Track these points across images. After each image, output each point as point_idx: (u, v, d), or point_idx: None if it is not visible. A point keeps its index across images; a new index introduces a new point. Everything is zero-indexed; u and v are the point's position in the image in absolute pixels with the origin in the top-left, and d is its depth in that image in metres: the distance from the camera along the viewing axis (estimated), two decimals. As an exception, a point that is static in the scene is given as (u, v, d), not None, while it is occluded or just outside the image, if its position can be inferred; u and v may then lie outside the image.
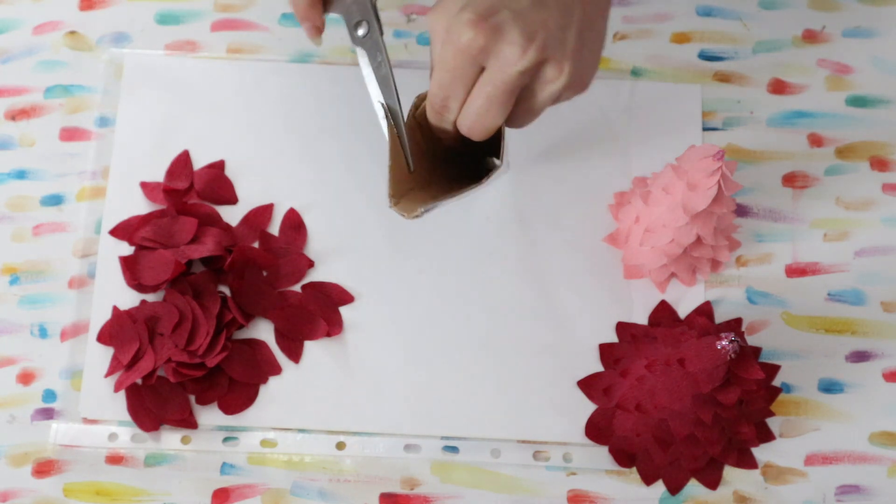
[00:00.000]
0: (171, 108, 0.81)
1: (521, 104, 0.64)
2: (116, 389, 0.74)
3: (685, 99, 0.83)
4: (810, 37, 0.85)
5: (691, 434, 0.72)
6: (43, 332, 0.76)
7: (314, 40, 0.68)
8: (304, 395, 0.75)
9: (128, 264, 0.76)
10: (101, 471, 0.73)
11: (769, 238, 0.80)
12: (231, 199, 0.79)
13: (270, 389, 0.75)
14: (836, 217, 0.81)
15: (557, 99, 0.64)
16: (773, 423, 0.76)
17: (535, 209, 0.80)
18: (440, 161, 0.70)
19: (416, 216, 0.66)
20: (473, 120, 0.63)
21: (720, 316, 0.78)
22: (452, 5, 0.60)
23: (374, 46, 0.67)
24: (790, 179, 0.82)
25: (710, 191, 0.71)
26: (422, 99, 0.67)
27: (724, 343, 0.67)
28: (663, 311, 0.78)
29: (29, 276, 0.77)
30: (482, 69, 0.61)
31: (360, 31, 0.66)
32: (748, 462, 0.75)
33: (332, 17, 0.68)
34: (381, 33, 0.67)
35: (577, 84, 0.63)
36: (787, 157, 0.82)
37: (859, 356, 0.77)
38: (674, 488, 0.74)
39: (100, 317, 0.76)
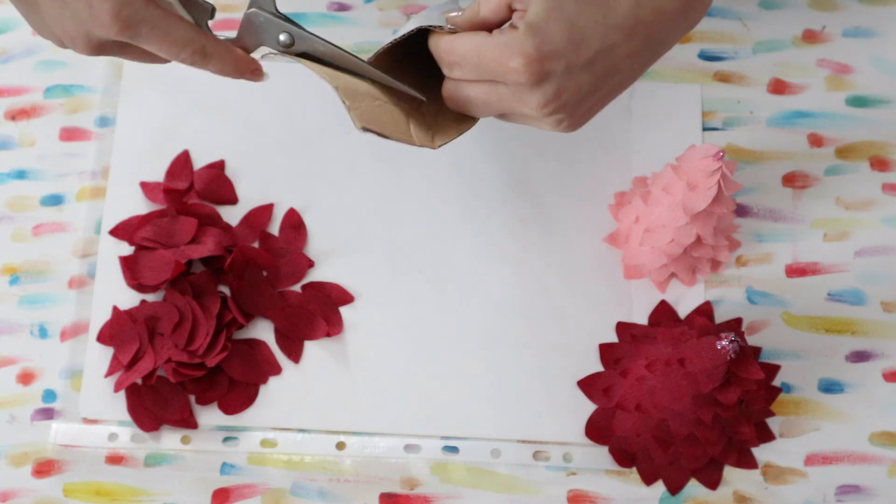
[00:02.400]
0: (171, 108, 0.81)
1: (505, 116, 0.63)
2: (116, 389, 0.74)
3: (685, 99, 0.83)
4: (810, 37, 0.85)
5: (691, 434, 0.72)
6: (43, 332, 0.76)
7: (262, 79, 0.65)
8: (304, 395, 0.75)
9: (128, 264, 0.76)
10: (101, 471, 0.73)
11: (769, 238, 0.80)
12: (231, 199, 0.79)
13: (270, 389, 0.75)
14: (836, 217, 0.81)
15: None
16: (773, 423, 0.76)
17: (536, 209, 0.80)
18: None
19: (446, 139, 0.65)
20: (460, 101, 0.62)
21: (720, 316, 0.78)
22: (548, 17, 0.58)
23: (305, 42, 0.63)
24: (790, 179, 0.82)
25: (710, 191, 0.71)
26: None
27: (724, 343, 0.67)
28: (663, 311, 0.78)
29: (29, 276, 0.77)
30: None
31: (283, 38, 0.63)
32: (748, 462, 0.75)
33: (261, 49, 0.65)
34: (302, 28, 0.63)
35: (561, 132, 0.63)
36: (787, 157, 0.82)
37: (859, 356, 0.77)
38: (674, 488, 0.74)
39: (100, 317, 0.76)
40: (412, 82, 0.65)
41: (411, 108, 0.66)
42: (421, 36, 0.63)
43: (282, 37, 0.63)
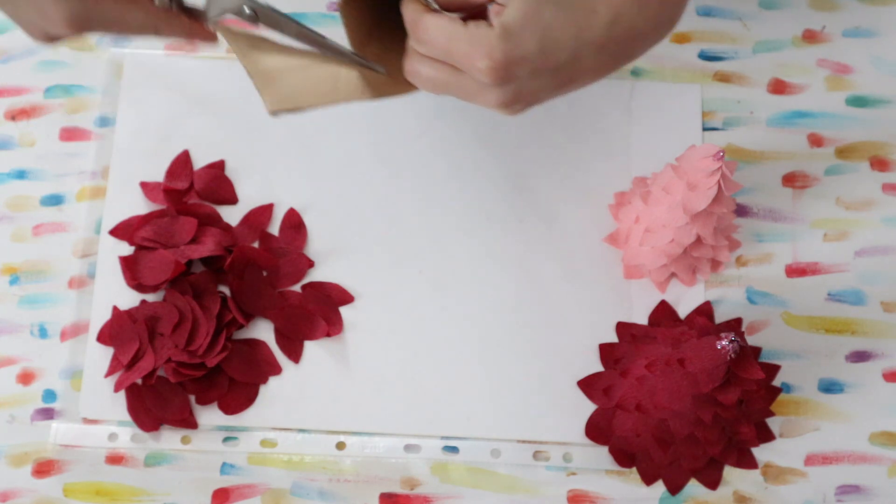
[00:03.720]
0: (171, 108, 0.81)
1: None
2: (116, 389, 0.74)
3: (685, 99, 0.83)
4: (810, 37, 0.85)
5: (691, 434, 0.72)
6: (43, 332, 0.76)
7: (214, 43, 0.66)
8: (304, 395, 0.75)
9: (128, 264, 0.76)
10: (101, 471, 0.73)
11: (769, 238, 0.80)
12: (231, 199, 0.79)
13: (270, 389, 0.75)
14: (836, 217, 0.81)
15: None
16: (773, 423, 0.76)
17: (535, 209, 0.80)
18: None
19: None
20: (419, 77, 0.61)
21: (720, 316, 0.78)
22: (524, 24, 0.57)
23: (270, 18, 0.63)
24: (790, 179, 0.82)
25: (710, 191, 0.71)
26: None
27: (724, 343, 0.67)
28: (663, 311, 0.78)
29: (29, 276, 0.77)
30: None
31: (247, 11, 0.63)
32: (748, 462, 0.75)
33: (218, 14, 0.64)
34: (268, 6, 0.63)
35: (507, 115, 0.63)
36: (787, 157, 0.82)
37: (859, 356, 0.77)
38: (674, 488, 0.74)
39: (100, 317, 0.76)
40: (371, 21, 0.63)
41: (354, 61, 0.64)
42: None
43: (245, 9, 0.64)
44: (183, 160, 0.80)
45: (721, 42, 0.85)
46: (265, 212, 0.79)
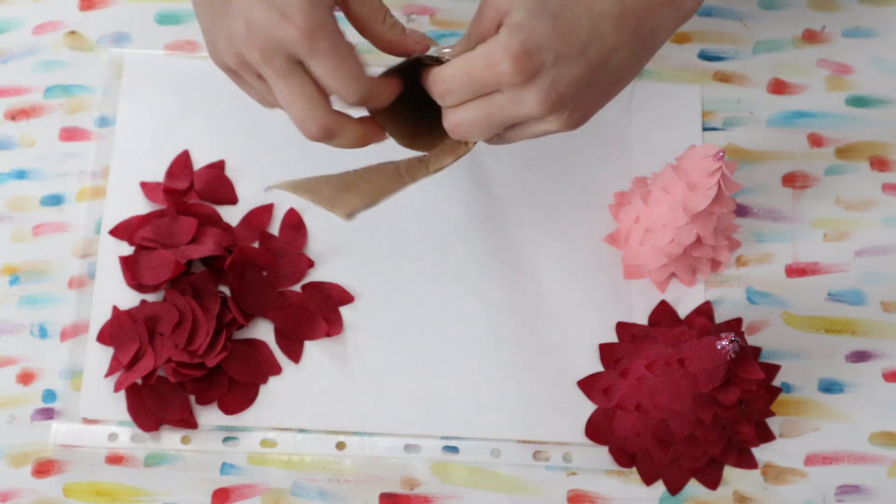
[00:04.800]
0: (171, 108, 0.81)
1: (507, 130, 0.62)
2: (116, 389, 0.74)
3: (685, 99, 0.83)
4: (810, 37, 0.85)
5: (691, 434, 0.72)
6: (43, 332, 0.76)
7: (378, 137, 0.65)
8: (304, 395, 0.75)
9: (128, 264, 0.76)
10: (101, 471, 0.73)
11: (769, 238, 0.80)
12: (231, 199, 0.79)
13: (270, 389, 0.75)
14: (836, 217, 0.81)
15: (541, 135, 0.63)
16: (773, 423, 0.76)
17: (536, 209, 0.80)
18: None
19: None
20: (462, 126, 0.61)
21: (720, 316, 0.78)
22: (530, 15, 0.57)
23: None
24: (790, 179, 0.82)
25: (710, 191, 0.71)
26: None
27: (724, 343, 0.67)
28: (663, 311, 0.78)
29: (29, 276, 0.77)
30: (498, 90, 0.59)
31: None
32: (748, 462, 0.75)
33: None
34: None
35: (569, 129, 0.62)
36: (787, 157, 0.82)
37: (859, 356, 0.77)
38: (674, 488, 0.74)
39: (100, 317, 0.76)
40: (408, 118, 0.65)
41: (409, 141, 0.66)
42: (414, 73, 0.62)
43: None
44: (183, 160, 0.80)
45: (721, 42, 0.85)
46: (265, 212, 0.79)
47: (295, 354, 0.76)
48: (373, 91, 0.60)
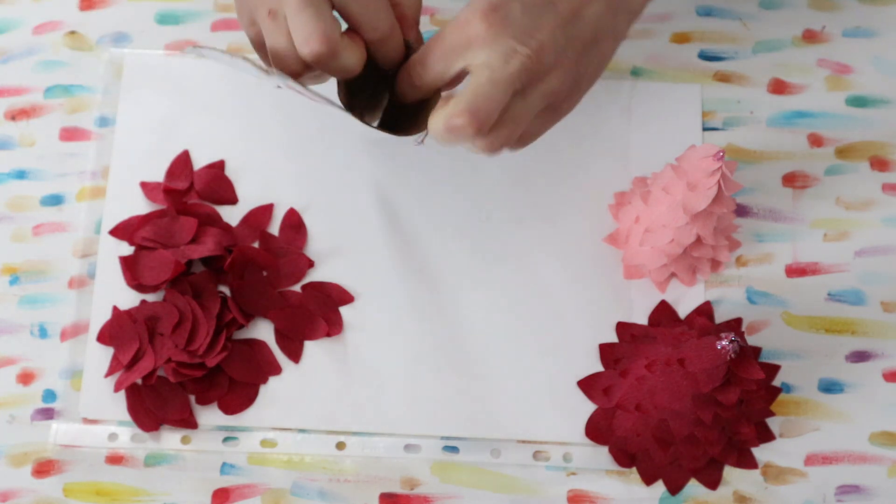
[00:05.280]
0: (171, 108, 0.81)
1: (508, 111, 0.62)
2: (116, 389, 0.74)
3: (685, 99, 0.83)
4: (810, 37, 0.85)
5: (691, 434, 0.72)
6: (43, 332, 0.76)
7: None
8: (304, 395, 0.75)
9: (128, 264, 0.76)
10: (101, 471, 0.73)
11: (769, 238, 0.80)
12: (231, 199, 0.79)
13: (270, 389, 0.75)
14: (836, 217, 0.81)
15: (552, 110, 0.63)
16: (773, 423, 0.76)
17: (535, 209, 0.80)
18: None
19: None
20: (454, 125, 0.60)
21: (720, 316, 0.78)
22: None
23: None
24: (790, 179, 0.82)
25: (710, 191, 0.71)
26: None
27: (724, 343, 0.67)
28: (663, 311, 0.78)
29: (29, 276, 0.77)
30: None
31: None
32: (748, 462, 0.75)
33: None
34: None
35: (570, 92, 0.62)
36: (787, 157, 0.82)
37: (859, 356, 0.77)
38: (674, 488, 0.74)
39: (100, 317, 0.76)
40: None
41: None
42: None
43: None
44: (183, 160, 0.80)
45: (721, 42, 0.85)
46: (265, 212, 0.79)
47: (295, 354, 0.76)
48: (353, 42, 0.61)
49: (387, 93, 0.66)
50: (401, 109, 0.66)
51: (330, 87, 0.65)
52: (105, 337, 0.75)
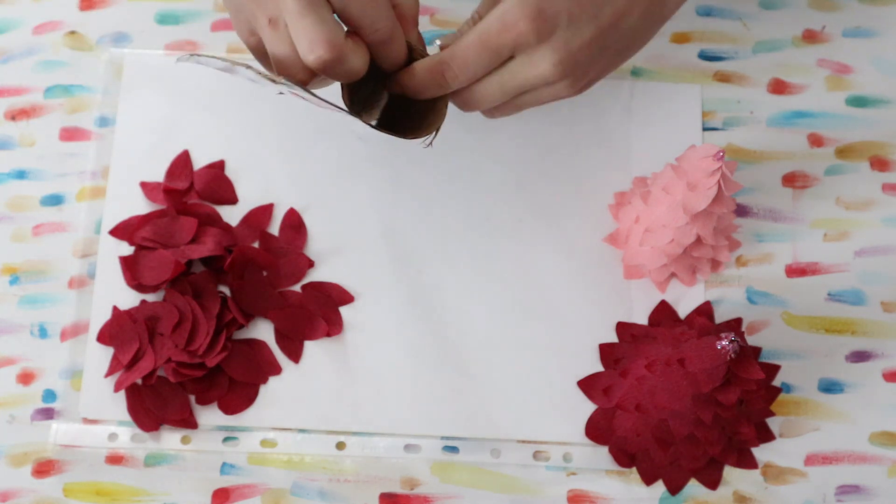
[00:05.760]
0: (171, 108, 0.81)
1: (516, 98, 0.63)
2: (116, 389, 0.74)
3: (685, 99, 0.83)
4: (810, 37, 0.85)
5: (691, 434, 0.72)
6: (43, 332, 0.76)
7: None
8: (304, 395, 0.75)
9: (128, 264, 0.76)
10: (101, 471, 0.73)
11: (769, 238, 0.80)
12: (231, 199, 0.79)
13: (270, 389, 0.75)
14: (836, 217, 0.81)
15: (549, 100, 0.64)
16: (773, 423, 0.76)
17: (535, 209, 0.80)
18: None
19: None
20: (478, 99, 0.62)
21: (720, 316, 0.78)
22: None
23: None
24: (790, 179, 0.82)
25: (710, 191, 0.71)
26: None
27: (724, 343, 0.67)
28: (663, 311, 0.78)
29: (29, 276, 0.77)
30: (511, 58, 0.60)
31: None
32: (748, 462, 0.75)
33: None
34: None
35: (576, 94, 0.63)
36: (787, 157, 0.82)
37: (859, 356, 0.77)
38: (674, 488, 0.74)
39: (100, 317, 0.76)
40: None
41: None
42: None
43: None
44: (183, 160, 0.80)
45: (721, 42, 0.85)
46: (265, 212, 0.79)
47: (295, 354, 0.76)
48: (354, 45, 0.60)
49: (385, 92, 0.66)
50: (400, 109, 0.66)
51: (333, 91, 0.65)
52: (105, 337, 0.75)
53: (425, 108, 0.65)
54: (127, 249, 0.77)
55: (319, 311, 0.76)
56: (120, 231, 0.78)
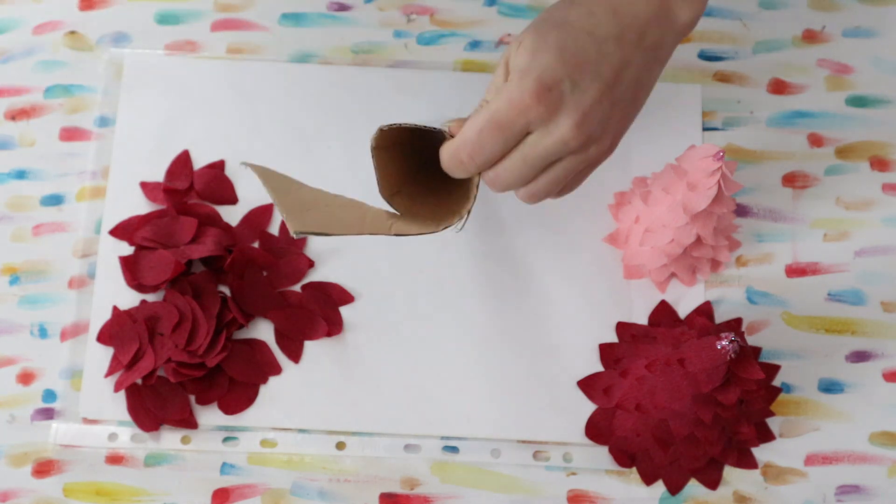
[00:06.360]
0: (171, 108, 0.81)
1: (551, 168, 0.64)
2: (116, 389, 0.74)
3: (685, 99, 0.83)
4: (810, 37, 0.85)
5: (691, 434, 0.72)
6: (43, 332, 0.76)
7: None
8: (304, 395, 0.75)
9: (128, 264, 0.76)
10: (101, 471, 0.73)
11: (769, 238, 0.80)
12: (231, 199, 0.79)
13: (270, 389, 0.75)
14: (836, 217, 0.81)
15: (591, 166, 0.65)
16: (773, 423, 0.76)
17: (536, 209, 0.80)
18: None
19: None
20: (504, 177, 0.62)
21: (720, 316, 0.78)
22: (535, 56, 0.60)
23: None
24: (790, 179, 0.82)
25: (710, 191, 0.71)
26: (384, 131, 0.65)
27: (724, 343, 0.67)
28: (663, 311, 0.78)
29: (29, 276, 0.77)
30: (527, 133, 0.61)
31: None
32: (748, 462, 0.75)
33: None
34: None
35: (606, 156, 0.64)
36: (787, 157, 0.82)
37: (859, 356, 0.77)
38: (674, 488, 0.74)
39: (100, 317, 0.76)
40: (400, 176, 0.67)
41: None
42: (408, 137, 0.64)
43: None
44: (183, 160, 0.80)
45: (721, 42, 0.85)
46: (265, 212, 0.79)
47: (295, 354, 0.76)
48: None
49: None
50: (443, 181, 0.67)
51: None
52: (105, 337, 0.75)
53: (458, 185, 0.66)
54: (127, 249, 0.77)
55: (319, 311, 0.76)
56: (120, 231, 0.78)
